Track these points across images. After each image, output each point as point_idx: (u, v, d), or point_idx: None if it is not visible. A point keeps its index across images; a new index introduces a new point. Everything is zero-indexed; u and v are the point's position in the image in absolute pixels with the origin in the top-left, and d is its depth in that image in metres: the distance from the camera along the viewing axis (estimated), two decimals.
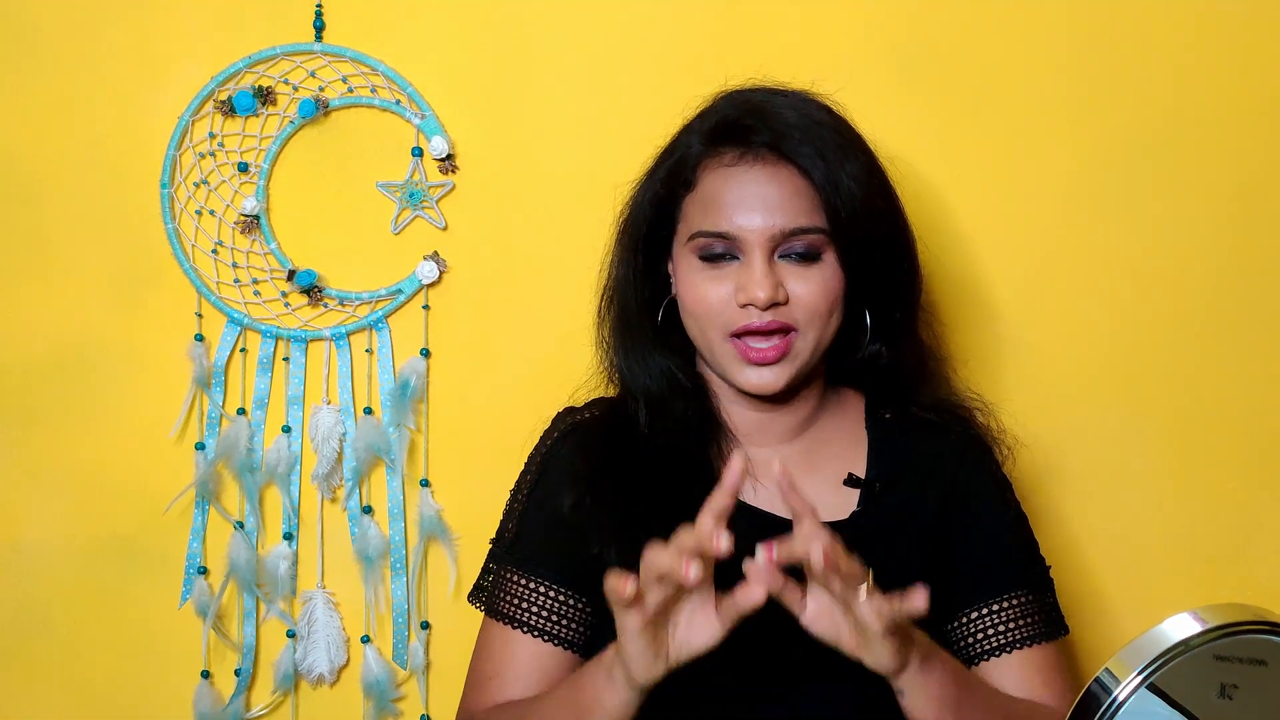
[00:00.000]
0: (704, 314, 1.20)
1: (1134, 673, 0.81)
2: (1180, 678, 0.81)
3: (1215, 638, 0.81)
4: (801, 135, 1.18)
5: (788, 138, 1.17)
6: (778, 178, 1.18)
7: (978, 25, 1.52)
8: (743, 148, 1.19)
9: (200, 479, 1.56)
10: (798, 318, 1.18)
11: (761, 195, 1.17)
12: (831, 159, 1.17)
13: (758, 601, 0.99)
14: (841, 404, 1.31)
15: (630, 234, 1.28)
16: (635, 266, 1.27)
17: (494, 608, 1.26)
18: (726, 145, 1.20)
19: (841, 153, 1.19)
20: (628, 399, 1.28)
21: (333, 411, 1.56)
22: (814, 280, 1.18)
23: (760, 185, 1.18)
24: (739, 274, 1.18)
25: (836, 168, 1.17)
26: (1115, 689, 0.81)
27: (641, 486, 1.21)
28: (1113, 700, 0.81)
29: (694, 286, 1.20)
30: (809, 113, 1.21)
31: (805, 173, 1.17)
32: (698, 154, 1.21)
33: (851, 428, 1.30)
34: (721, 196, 1.18)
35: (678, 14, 1.52)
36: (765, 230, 1.17)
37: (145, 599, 1.59)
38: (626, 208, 1.29)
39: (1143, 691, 0.80)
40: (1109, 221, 1.53)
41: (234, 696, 1.58)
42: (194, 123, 1.54)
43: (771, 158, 1.18)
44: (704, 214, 1.19)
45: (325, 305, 1.56)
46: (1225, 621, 0.81)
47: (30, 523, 1.59)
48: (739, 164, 1.19)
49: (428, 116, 1.53)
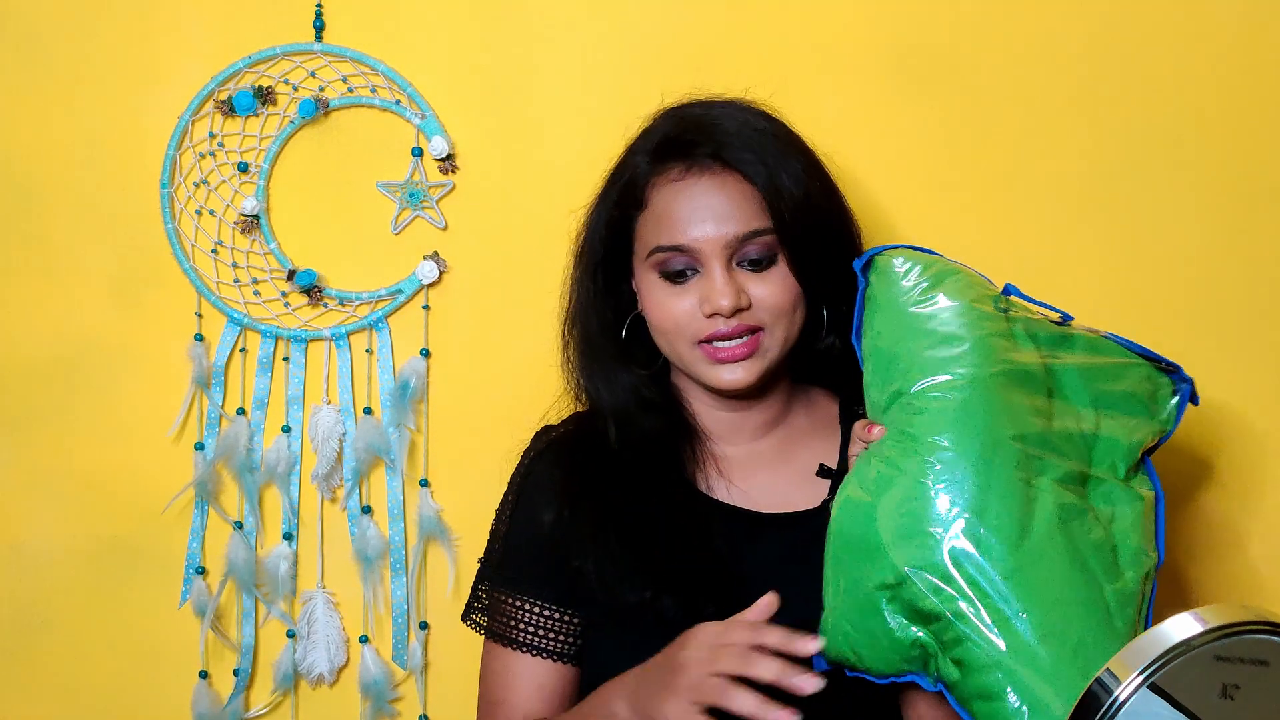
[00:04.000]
0: (672, 329, 1.23)
1: (1135, 673, 0.81)
2: (1182, 678, 0.81)
3: (1216, 638, 0.81)
4: (742, 143, 1.22)
5: (729, 146, 1.22)
6: (725, 186, 1.21)
7: (975, 26, 1.52)
8: (688, 161, 1.23)
9: (200, 479, 1.56)
10: (763, 318, 1.22)
11: (711, 205, 1.21)
12: (772, 162, 1.22)
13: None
14: (811, 401, 1.34)
15: (588, 257, 1.31)
16: (595, 288, 1.31)
17: (491, 629, 1.31)
18: (672, 161, 1.23)
19: (781, 155, 1.23)
20: (596, 416, 1.31)
21: (333, 411, 1.56)
22: (772, 282, 1.22)
23: (709, 195, 1.21)
24: (701, 286, 1.21)
25: (778, 170, 1.21)
26: (1116, 689, 0.81)
27: (617, 497, 1.25)
28: (1114, 700, 0.81)
29: (659, 304, 1.23)
30: (747, 120, 1.25)
31: (749, 178, 1.21)
32: (645, 173, 1.25)
33: (823, 423, 1.33)
34: (673, 211, 1.22)
35: (677, 14, 1.52)
36: (719, 239, 1.20)
37: (145, 599, 1.59)
38: (581, 232, 1.32)
39: (1144, 692, 0.80)
40: (1108, 223, 1.53)
41: (232, 697, 1.58)
42: (194, 123, 1.54)
43: (716, 167, 1.22)
44: (658, 230, 1.23)
45: (325, 305, 1.56)
46: (1226, 622, 0.81)
47: (30, 523, 1.59)
48: (686, 177, 1.22)
49: (428, 116, 1.53)
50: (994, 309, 1.14)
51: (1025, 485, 1.06)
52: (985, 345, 1.10)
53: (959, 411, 1.07)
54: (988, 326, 1.11)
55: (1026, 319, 1.16)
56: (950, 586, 1.03)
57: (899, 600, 1.05)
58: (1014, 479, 1.05)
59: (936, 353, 1.10)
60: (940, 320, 1.11)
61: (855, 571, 1.07)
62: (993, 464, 1.05)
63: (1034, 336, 1.14)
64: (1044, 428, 1.09)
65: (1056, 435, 1.10)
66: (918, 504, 1.05)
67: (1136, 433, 1.14)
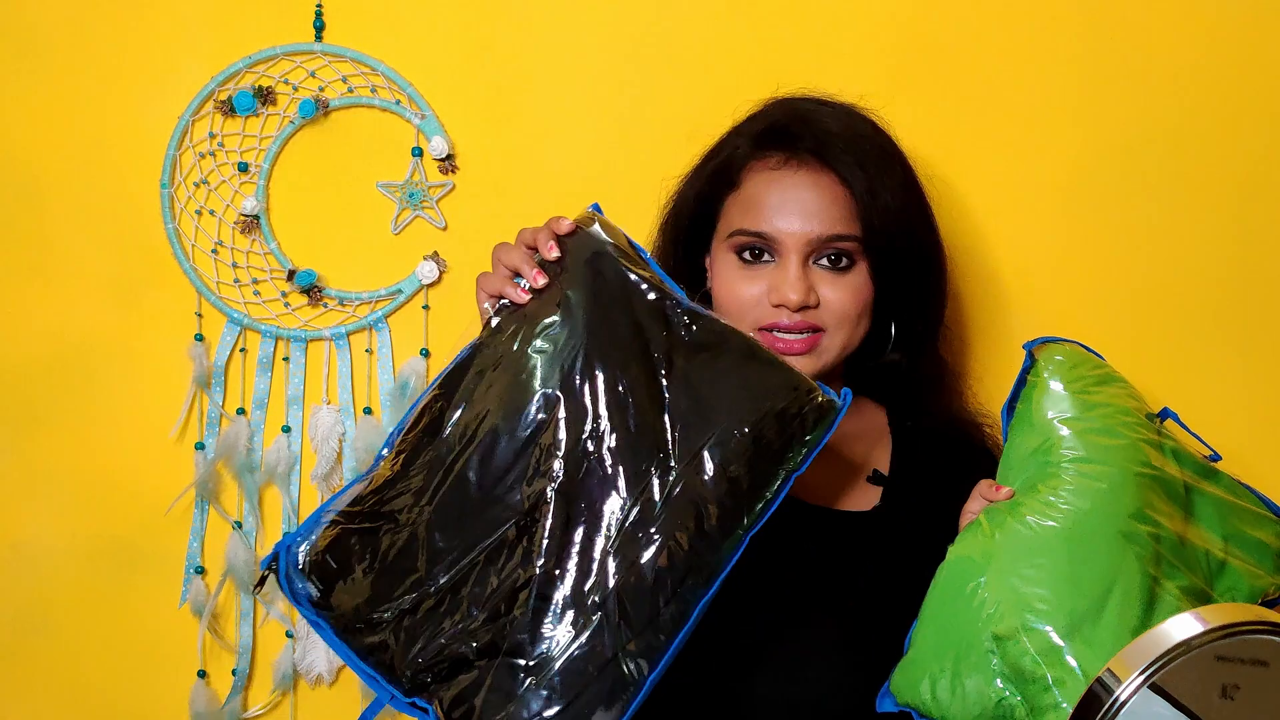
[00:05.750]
0: (736, 310, 1.23)
1: (1136, 673, 0.80)
2: (1182, 678, 0.81)
3: (1217, 638, 0.81)
4: (844, 145, 1.21)
5: (831, 146, 1.21)
6: (819, 185, 1.21)
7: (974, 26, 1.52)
8: (787, 153, 1.22)
9: (200, 479, 1.56)
10: (826, 321, 1.22)
11: (801, 200, 1.20)
12: (871, 170, 1.21)
13: None
14: (860, 410, 1.33)
15: (673, 227, 1.31)
16: (675, 258, 1.31)
17: None
18: (772, 149, 1.23)
19: (881, 165, 1.22)
20: None
21: (332, 411, 1.56)
22: (845, 288, 1.21)
23: (801, 190, 1.21)
24: (773, 275, 1.21)
25: (875, 179, 1.21)
26: (1117, 689, 0.81)
27: None
28: (1114, 700, 0.81)
29: (729, 283, 1.23)
30: (853, 124, 1.25)
31: (845, 181, 1.20)
32: (744, 155, 1.25)
33: (872, 429, 1.33)
34: (763, 198, 1.22)
35: (677, 15, 1.52)
36: (803, 235, 1.20)
37: (145, 599, 1.59)
38: (671, 201, 1.32)
39: (1144, 692, 0.80)
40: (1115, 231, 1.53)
41: (230, 696, 1.58)
42: (194, 123, 1.54)
43: (814, 164, 1.21)
44: (745, 214, 1.23)
45: (325, 305, 1.56)
46: (1227, 622, 0.81)
47: (30, 523, 1.59)
48: (783, 168, 1.22)
49: (428, 116, 1.53)
50: (1148, 422, 1.17)
51: (1153, 582, 1.06)
52: (1138, 447, 1.12)
53: (1106, 492, 1.09)
54: (1142, 433, 1.14)
55: (1176, 444, 1.18)
56: (1054, 655, 1.03)
57: (1004, 655, 1.04)
58: (1144, 571, 1.06)
59: (1093, 439, 1.12)
60: (1101, 413, 1.14)
61: (962, 622, 1.07)
62: (1127, 550, 1.07)
63: (1180, 458, 1.17)
64: (1179, 537, 1.11)
65: (1188, 549, 1.11)
66: (1044, 570, 1.05)
67: (1260, 580, 1.16)
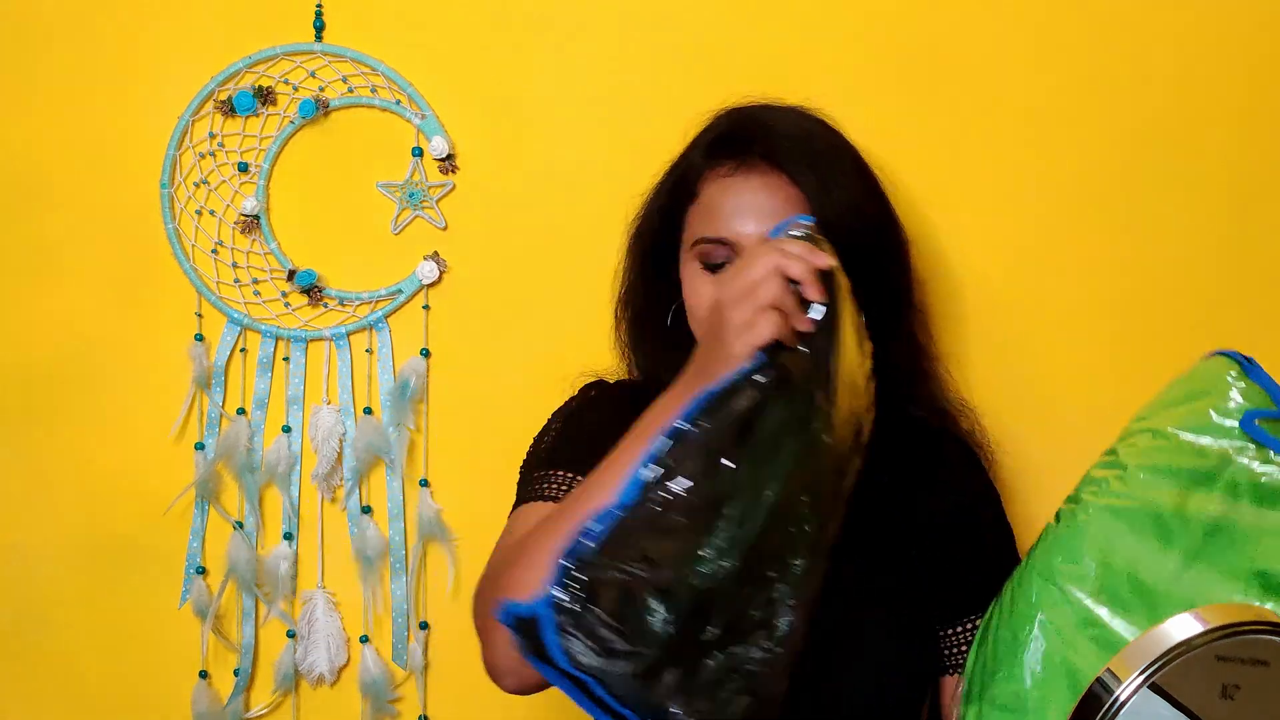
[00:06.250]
0: (705, 316, 1.22)
1: (1135, 673, 0.80)
2: (1182, 678, 0.80)
3: (1217, 638, 0.80)
4: (793, 146, 1.23)
5: (779, 148, 1.22)
6: (770, 186, 1.22)
7: (974, 27, 1.52)
8: (739, 159, 1.24)
9: (200, 479, 1.56)
10: None
11: (756, 203, 1.22)
12: (822, 167, 1.22)
13: None
14: None
15: (640, 243, 1.34)
16: (645, 273, 1.33)
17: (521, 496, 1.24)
18: (724, 157, 1.25)
19: (832, 161, 1.24)
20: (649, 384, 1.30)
21: (333, 411, 1.56)
22: None
23: (755, 194, 1.22)
24: None
25: (827, 175, 1.22)
26: (1117, 689, 0.81)
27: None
28: (1114, 700, 0.80)
29: (696, 291, 1.24)
30: (801, 125, 1.27)
31: (796, 181, 1.21)
32: (699, 166, 1.26)
33: None
34: (719, 205, 1.23)
35: (676, 15, 1.52)
36: (759, 236, 1.20)
37: (145, 599, 1.59)
38: (637, 218, 1.34)
39: (1144, 691, 0.80)
40: (1104, 224, 1.53)
41: (232, 696, 1.58)
42: (194, 123, 1.54)
43: (764, 167, 1.22)
44: (704, 222, 1.24)
45: (325, 305, 1.56)
46: (1227, 622, 0.81)
47: (30, 523, 1.59)
48: (735, 174, 1.23)
49: (428, 116, 1.53)
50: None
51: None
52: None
53: None
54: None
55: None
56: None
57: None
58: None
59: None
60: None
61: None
62: None
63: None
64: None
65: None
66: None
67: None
